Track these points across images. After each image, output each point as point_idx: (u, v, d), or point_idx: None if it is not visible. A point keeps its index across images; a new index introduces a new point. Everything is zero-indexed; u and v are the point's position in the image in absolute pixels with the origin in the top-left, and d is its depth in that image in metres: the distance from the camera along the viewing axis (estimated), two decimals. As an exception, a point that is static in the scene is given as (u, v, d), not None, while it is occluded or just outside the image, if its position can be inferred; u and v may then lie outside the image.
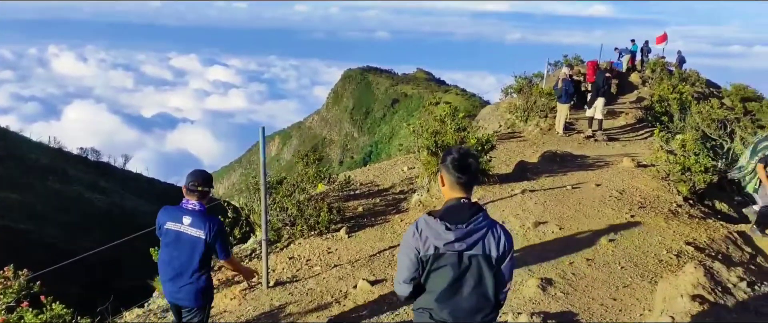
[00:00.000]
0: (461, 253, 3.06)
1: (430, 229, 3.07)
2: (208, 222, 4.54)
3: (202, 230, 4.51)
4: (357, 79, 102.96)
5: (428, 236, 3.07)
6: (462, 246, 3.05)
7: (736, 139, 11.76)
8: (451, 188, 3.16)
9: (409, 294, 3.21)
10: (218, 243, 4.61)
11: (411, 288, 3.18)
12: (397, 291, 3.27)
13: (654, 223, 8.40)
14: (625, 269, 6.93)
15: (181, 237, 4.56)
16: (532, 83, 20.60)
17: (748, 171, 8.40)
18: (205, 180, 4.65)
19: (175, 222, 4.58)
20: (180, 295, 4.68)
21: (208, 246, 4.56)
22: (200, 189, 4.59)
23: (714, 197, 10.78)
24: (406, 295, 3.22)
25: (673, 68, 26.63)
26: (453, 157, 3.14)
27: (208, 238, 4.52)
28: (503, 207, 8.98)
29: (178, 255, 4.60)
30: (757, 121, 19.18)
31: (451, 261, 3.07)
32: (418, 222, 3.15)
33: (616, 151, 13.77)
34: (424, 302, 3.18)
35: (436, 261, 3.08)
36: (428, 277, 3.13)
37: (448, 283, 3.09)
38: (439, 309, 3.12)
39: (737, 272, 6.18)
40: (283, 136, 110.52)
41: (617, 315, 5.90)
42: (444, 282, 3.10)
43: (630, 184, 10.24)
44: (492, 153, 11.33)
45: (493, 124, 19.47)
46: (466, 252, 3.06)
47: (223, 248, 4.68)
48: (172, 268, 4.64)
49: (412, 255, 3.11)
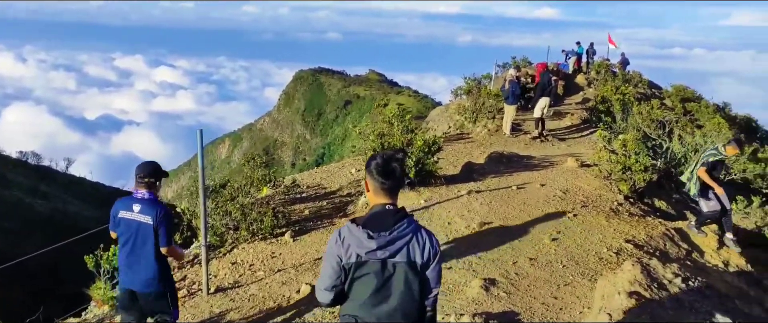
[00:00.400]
0: (385, 261, 3.00)
1: (352, 237, 3.01)
2: (156, 209, 4.71)
3: (150, 216, 4.68)
4: (309, 81, 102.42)
5: (351, 244, 3.00)
6: (385, 254, 2.99)
7: (674, 139, 12.11)
8: (375, 194, 3.10)
9: (331, 301, 3.14)
10: (162, 229, 4.73)
11: (332, 296, 3.10)
12: (318, 299, 3.19)
13: (595, 222, 8.57)
14: (566, 267, 7.03)
15: (132, 225, 4.73)
16: (481, 85, 20.84)
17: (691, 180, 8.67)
18: (151, 171, 4.79)
19: (127, 210, 4.76)
20: (136, 281, 4.80)
21: (155, 231, 4.71)
22: (146, 180, 4.75)
23: (653, 195, 11.08)
24: (327, 303, 3.15)
25: (617, 70, 27.33)
26: (377, 162, 3.07)
27: (154, 223, 4.67)
28: (449, 208, 9.00)
29: (133, 242, 4.76)
30: (696, 120, 19.84)
31: (375, 269, 3.01)
32: (341, 230, 3.09)
33: (561, 151, 14.03)
34: (349, 309, 3.12)
35: (359, 269, 3.02)
36: (352, 285, 3.07)
37: (371, 291, 3.03)
38: (364, 316, 3.07)
39: (673, 268, 6.34)
40: (234, 139, 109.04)
41: (558, 313, 5.97)
42: (368, 290, 3.03)
43: (573, 184, 10.43)
44: (440, 154, 11.39)
45: (442, 125, 19.60)
46: (389, 259, 3.00)
47: (165, 234, 4.76)
48: (126, 255, 4.80)
49: (335, 263, 3.04)
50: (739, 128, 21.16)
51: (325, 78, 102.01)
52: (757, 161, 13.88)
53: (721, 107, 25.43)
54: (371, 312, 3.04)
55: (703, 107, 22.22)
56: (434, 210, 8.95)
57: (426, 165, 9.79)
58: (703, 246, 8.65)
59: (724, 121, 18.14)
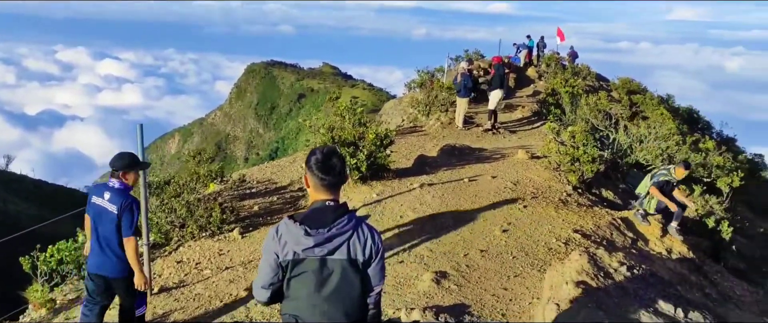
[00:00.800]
0: (324, 258, 2.93)
1: (289, 233, 2.92)
2: (121, 199, 4.84)
3: (116, 205, 4.82)
4: (261, 74, 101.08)
5: (288, 241, 2.91)
6: (323, 251, 2.91)
7: (620, 130, 12.38)
8: (315, 190, 3.02)
9: (268, 300, 3.06)
10: (124, 218, 4.82)
11: (269, 294, 3.02)
12: (255, 297, 3.10)
13: (545, 213, 8.68)
14: (516, 258, 7.10)
15: (101, 211, 4.89)
16: (434, 78, 20.92)
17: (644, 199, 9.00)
18: (121, 164, 4.93)
19: (99, 196, 4.92)
20: (104, 266, 4.96)
21: (120, 220, 4.83)
22: (115, 171, 4.91)
23: (601, 185, 11.31)
24: (264, 301, 3.06)
25: (567, 63, 27.84)
26: (316, 157, 2.99)
27: (118, 212, 4.80)
28: (402, 201, 8.99)
29: (102, 228, 4.91)
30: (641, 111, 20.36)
31: (313, 267, 2.93)
32: (278, 226, 2.99)
33: (512, 143, 14.20)
34: (288, 308, 3.03)
35: (297, 267, 2.94)
36: (290, 283, 2.98)
37: (311, 290, 2.95)
38: (304, 316, 2.99)
39: (618, 257, 6.47)
40: (184, 133, 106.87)
41: (508, 304, 6.01)
42: (307, 289, 2.95)
43: (524, 175, 10.55)
44: (392, 147, 11.37)
45: (395, 118, 19.61)
46: (328, 257, 2.93)
47: (126, 224, 4.84)
48: (96, 240, 4.95)
49: (272, 260, 2.95)
50: (681, 119, 21.80)
51: (277, 71, 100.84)
52: (698, 151, 14.33)
53: (664, 99, 26.18)
54: (311, 311, 2.97)
55: (648, 99, 22.82)
56: (387, 204, 8.92)
57: (378, 158, 9.74)
58: (648, 235, 8.88)
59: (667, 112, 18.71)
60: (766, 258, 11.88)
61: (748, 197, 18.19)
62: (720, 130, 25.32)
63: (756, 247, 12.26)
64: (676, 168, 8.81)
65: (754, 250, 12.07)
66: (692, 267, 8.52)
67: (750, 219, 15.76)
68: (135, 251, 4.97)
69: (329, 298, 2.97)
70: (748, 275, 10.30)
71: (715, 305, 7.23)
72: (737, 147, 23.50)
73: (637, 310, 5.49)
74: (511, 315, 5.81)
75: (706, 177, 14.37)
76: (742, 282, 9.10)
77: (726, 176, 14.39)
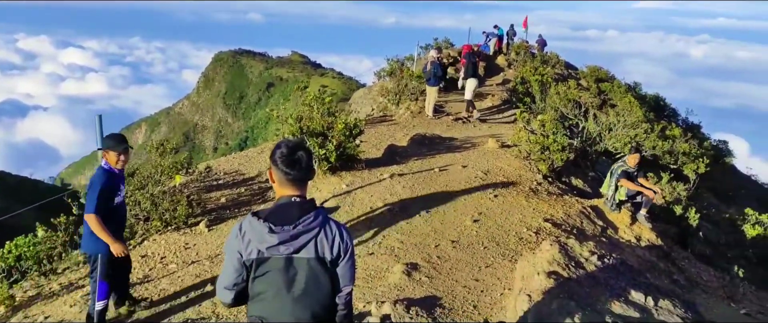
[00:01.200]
0: (290, 257, 2.80)
1: (253, 231, 2.77)
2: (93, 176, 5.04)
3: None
4: (229, 63, 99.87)
5: (251, 239, 2.77)
6: (289, 250, 2.77)
7: (589, 118, 12.43)
8: (281, 185, 2.87)
9: (232, 301, 2.91)
10: (86, 195, 5.00)
11: (233, 295, 2.87)
12: (219, 298, 2.95)
13: (516, 202, 8.66)
14: (487, 249, 7.05)
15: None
16: (404, 66, 20.78)
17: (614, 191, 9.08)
18: (104, 143, 5.15)
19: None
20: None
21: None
22: (100, 150, 5.19)
23: (571, 174, 11.34)
24: (228, 303, 2.91)
25: (536, 51, 27.95)
26: (281, 151, 2.84)
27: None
28: (372, 192, 8.87)
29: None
30: (610, 99, 20.53)
31: (278, 266, 2.79)
32: (242, 223, 2.84)
33: (483, 132, 14.17)
34: (255, 310, 2.88)
35: (261, 266, 2.80)
36: (254, 284, 2.84)
37: (276, 290, 2.81)
38: (271, 317, 2.85)
39: (589, 246, 6.46)
40: (151, 123, 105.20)
41: (479, 296, 5.95)
42: (272, 289, 2.81)
43: (494, 165, 10.52)
44: (362, 137, 11.23)
45: (365, 107, 19.45)
46: (294, 255, 2.80)
47: (88, 201, 4.96)
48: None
49: (235, 259, 2.81)
50: (648, 107, 22.04)
51: (246, 60, 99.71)
52: (665, 138, 14.49)
53: (632, 87, 26.47)
54: (278, 312, 2.83)
55: (616, 87, 23.01)
56: (356, 195, 8.80)
57: (347, 148, 9.60)
58: (617, 223, 8.93)
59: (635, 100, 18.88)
60: (731, 244, 12.08)
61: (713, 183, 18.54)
62: (685, 117, 25.75)
63: (721, 233, 12.45)
64: (628, 157, 8.98)
65: (720, 236, 12.25)
66: (661, 254, 8.60)
67: (715, 204, 16.05)
68: (98, 226, 4.98)
69: (296, 299, 2.83)
70: (714, 260, 10.45)
71: (683, 291, 7.29)
72: (702, 133, 23.93)
73: (608, 300, 5.48)
74: (482, 307, 5.75)
75: (673, 164, 14.56)
76: (708, 268, 9.23)
77: (692, 163, 14.61)
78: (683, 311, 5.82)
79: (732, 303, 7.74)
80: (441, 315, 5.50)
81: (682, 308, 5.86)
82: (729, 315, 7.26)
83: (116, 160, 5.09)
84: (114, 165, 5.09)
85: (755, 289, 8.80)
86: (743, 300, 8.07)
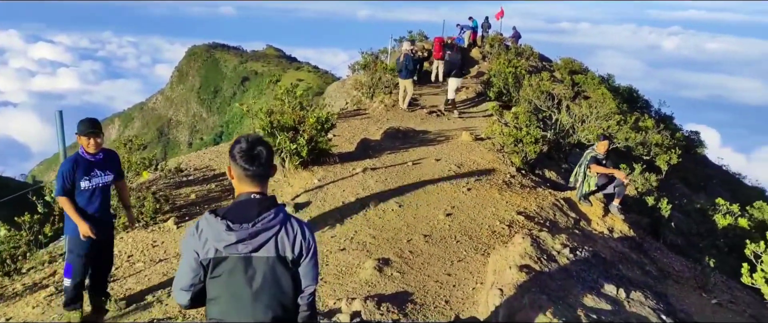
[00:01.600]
0: (248, 256, 2.68)
1: (210, 229, 2.65)
2: None
3: None
4: (203, 57, 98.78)
5: (208, 237, 2.65)
6: (247, 248, 2.66)
7: (562, 110, 12.44)
8: (239, 181, 2.76)
9: (189, 302, 2.79)
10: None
11: (190, 297, 2.75)
12: (176, 300, 2.82)
13: (489, 195, 8.61)
14: (460, 243, 6.99)
15: None
16: (378, 59, 20.67)
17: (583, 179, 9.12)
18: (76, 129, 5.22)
19: None
20: None
21: None
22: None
23: (544, 166, 11.35)
24: (185, 304, 2.78)
25: (510, 43, 27.99)
26: (240, 146, 2.72)
27: None
28: (344, 186, 8.76)
29: None
30: (583, 91, 20.65)
31: (237, 265, 2.68)
32: (199, 221, 2.72)
33: (457, 125, 14.12)
34: (213, 312, 2.76)
35: (219, 266, 2.68)
36: (212, 284, 2.72)
37: (235, 291, 2.70)
38: (230, 319, 2.73)
39: (561, 239, 6.43)
40: (124, 118, 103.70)
41: (451, 290, 5.89)
42: (231, 290, 2.70)
43: (468, 158, 10.47)
44: (335, 131, 11.12)
45: (339, 100, 19.31)
46: (254, 254, 2.68)
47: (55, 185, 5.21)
48: None
49: (192, 259, 2.68)
50: (621, 98, 22.22)
51: (220, 54, 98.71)
52: (638, 130, 14.60)
53: (605, 79, 26.68)
54: (237, 314, 2.71)
55: (590, 79, 23.17)
56: (328, 189, 8.68)
57: (319, 143, 9.47)
58: (590, 215, 8.94)
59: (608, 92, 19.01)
60: (703, 234, 12.21)
61: (685, 173, 18.77)
62: (658, 108, 26.03)
63: (693, 223, 12.57)
64: (598, 144, 8.99)
65: (691, 226, 12.37)
66: (633, 245, 8.62)
67: (687, 194, 16.24)
68: (65, 207, 5.17)
69: (256, 299, 2.71)
70: (686, 251, 10.54)
71: (655, 282, 7.31)
72: (674, 124, 24.21)
73: (580, 293, 5.45)
74: (454, 302, 5.68)
75: (646, 156, 14.68)
76: (680, 258, 9.29)
77: (665, 154, 14.75)
78: (655, 302, 5.83)
79: (703, 293, 7.78)
80: (412, 311, 5.42)
81: (653, 299, 5.87)
82: (700, 305, 7.30)
83: (86, 144, 5.19)
84: (86, 149, 5.20)
85: (726, 279, 8.87)
86: (715, 290, 8.12)
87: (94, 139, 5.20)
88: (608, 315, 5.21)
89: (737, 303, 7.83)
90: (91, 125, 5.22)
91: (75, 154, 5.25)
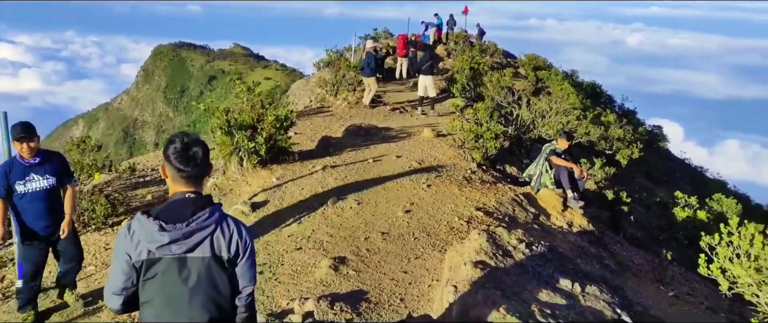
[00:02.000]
0: (183, 257, 2.60)
1: (143, 230, 2.57)
2: None
3: None
4: (169, 56, 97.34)
5: (141, 238, 2.56)
6: (181, 249, 2.58)
7: (523, 105, 12.49)
8: (174, 182, 2.69)
9: (121, 307, 2.68)
10: None
11: (122, 301, 2.66)
12: (107, 304, 2.72)
13: (448, 191, 8.58)
14: (418, 240, 6.93)
15: None
16: (343, 57, 20.56)
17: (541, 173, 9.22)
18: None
19: None
20: None
21: None
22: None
23: (505, 161, 11.38)
24: (117, 309, 2.69)
25: (474, 40, 28.12)
26: (175, 146, 2.64)
27: None
28: (303, 185, 8.65)
29: None
30: (547, 87, 20.80)
31: (170, 266, 2.59)
32: (131, 222, 2.63)
33: (419, 121, 14.10)
34: (148, 316, 2.66)
35: (152, 268, 2.59)
36: (145, 287, 2.63)
37: (169, 292, 2.61)
38: (165, 322, 2.64)
39: (517, 234, 6.41)
40: (89, 119, 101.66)
41: (407, 288, 5.83)
42: (165, 292, 2.61)
43: (429, 154, 10.44)
44: (297, 129, 10.99)
45: (303, 98, 19.16)
46: (188, 255, 2.60)
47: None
48: None
49: (124, 262, 2.59)
50: (585, 94, 22.45)
51: (186, 53, 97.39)
52: (599, 124, 14.74)
53: (569, 74, 26.94)
54: (172, 316, 2.63)
55: (553, 75, 23.34)
56: (287, 188, 8.56)
57: (278, 141, 9.34)
58: (550, 209, 8.96)
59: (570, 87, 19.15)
60: (663, 227, 12.39)
61: (647, 167, 19.04)
62: (621, 103, 26.38)
63: (653, 216, 12.74)
64: (558, 139, 9.09)
65: (651, 219, 12.54)
66: (592, 239, 8.67)
67: (649, 188, 16.45)
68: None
69: (192, 301, 2.63)
70: (645, 244, 10.67)
71: (612, 276, 7.35)
72: (638, 119, 24.57)
73: (535, 288, 5.43)
74: (409, 299, 5.63)
75: (608, 150, 14.84)
76: (639, 251, 9.38)
77: (626, 148, 14.92)
78: (610, 296, 5.84)
79: (661, 286, 7.86)
80: (366, 310, 5.35)
81: (609, 293, 5.87)
82: (657, 297, 7.37)
83: (20, 149, 5.15)
84: (21, 154, 5.15)
85: (684, 271, 8.98)
86: (673, 282, 8.21)
87: (27, 144, 5.14)
88: (563, 310, 5.19)
89: (695, 294, 7.92)
90: (23, 130, 5.14)
91: (11, 158, 5.26)
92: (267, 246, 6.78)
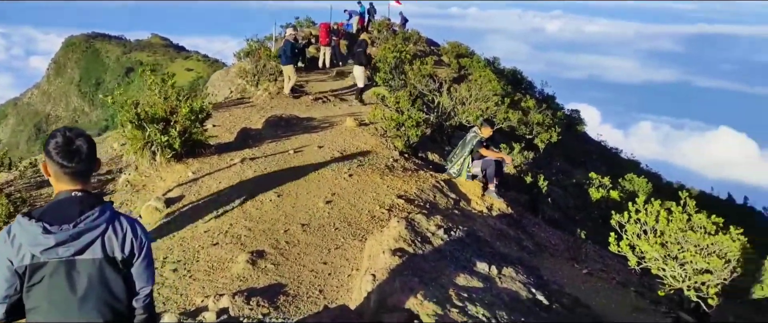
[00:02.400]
0: (71, 260, 2.42)
1: (24, 234, 2.38)
2: None
3: None
4: (82, 48, 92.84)
5: (23, 242, 2.37)
6: (69, 251, 2.40)
7: (443, 93, 12.61)
8: (57, 179, 2.49)
9: (4, 316, 2.49)
10: None
11: (5, 309, 2.45)
12: None
13: (370, 180, 8.55)
14: (339, 230, 6.88)
15: None
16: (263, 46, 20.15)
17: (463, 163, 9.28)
18: None
19: None
20: None
21: None
22: None
23: (428, 149, 11.46)
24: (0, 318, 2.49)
25: (397, 29, 28.18)
26: (56, 141, 2.45)
27: None
28: (220, 178, 8.41)
29: None
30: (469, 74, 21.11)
31: (57, 270, 2.41)
32: (11, 226, 2.43)
33: (343, 111, 14.00)
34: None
35: (37, 273, 2.40)
36: (31, 293, 2.43)
37: (56, 298, 2.43)
38: None
39: (436, 220, 6.46)
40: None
41: (326, 279, 5.77)
42: (52, 297, 2.43)
43: (351, 143, 10.37)
44: (216, 121, 10.69)
45: (223, 90, 18.68)
46: (77, 257, 2.43)
47: None
48: None
49: (5, 268, 2.39)
50: (506, 80, 22.93)
51: (101, 44, 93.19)
52: (519, 109, 15.12)
53: (491, 61, 27.45)
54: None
55: (476, 62, 23.72)
56: (204, 182, 8.31)
57: (194, 134, 9.04)
58: (470, 194, 9.10)
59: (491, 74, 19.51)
60: (579, 207, 12.84)
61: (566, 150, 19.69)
62: (541, 89, 27.12)
63: (570, 197, 13.19)
64: (482, 127, 9.15)
65: (568, 200, 12.97)
66: (511, 222, 8.86)
67: (566, 170, 17.00)
68: None
69: (83, 306, 2.45)
70: (563, 224, 11.01)
71: (530, 257, 7.53)
72: (557, 104, 25.33)
73: (453, 273, 5.48)
74: (328, 290, 5.57)
75: (528, 135, 15.24)
76: (557, 232, 9.66)
77: (545, 132, 15.36)
78: (525, 276, 5.97)
79: (576, 264, 8.11)
80: (284, 303, 5.25)
81: (525, 274, 6.01)
82: (572, 275, 7.61)
83: None
84: None
85: (598, 248, 9.31)
86: (587, 260, 8.50)
87: None
88: (479, 293, 5.26)
89: (608, 271, 8.22)
90: None
91: None
92: (182, 243, 6.55)
